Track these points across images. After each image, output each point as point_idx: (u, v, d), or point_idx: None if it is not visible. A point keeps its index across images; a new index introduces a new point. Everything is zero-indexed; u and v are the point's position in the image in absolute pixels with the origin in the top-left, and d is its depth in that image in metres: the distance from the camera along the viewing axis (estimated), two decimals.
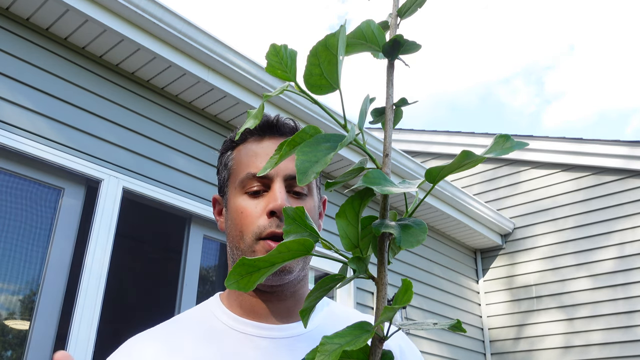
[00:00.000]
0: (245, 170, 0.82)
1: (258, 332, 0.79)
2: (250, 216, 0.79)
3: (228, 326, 0.81)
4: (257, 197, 0.80)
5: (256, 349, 0.77)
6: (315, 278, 4.03)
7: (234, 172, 0.84)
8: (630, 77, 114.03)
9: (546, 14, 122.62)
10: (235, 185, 0.83)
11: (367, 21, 0.46)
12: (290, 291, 0.83)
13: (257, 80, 3.34)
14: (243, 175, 0.82)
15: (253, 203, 0.80)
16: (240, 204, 0.81)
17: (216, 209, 0.89)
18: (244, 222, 0.79)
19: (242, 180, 0.82)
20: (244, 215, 0.80)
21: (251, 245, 0.78)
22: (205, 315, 0.84)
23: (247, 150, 0.84)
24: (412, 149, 6.41)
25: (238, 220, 0.80)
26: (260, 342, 0.78)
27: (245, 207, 0.80)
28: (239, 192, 0.82)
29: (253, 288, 0.43)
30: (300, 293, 0.84)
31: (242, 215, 0.80)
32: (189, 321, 0.83)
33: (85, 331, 2.54)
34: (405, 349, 0.85)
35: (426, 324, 0.42)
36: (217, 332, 0.80)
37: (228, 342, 0.78)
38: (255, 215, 0.79)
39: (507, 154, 0.41)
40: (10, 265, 2.52)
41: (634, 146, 5.07)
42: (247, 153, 0.84)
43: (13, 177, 2.60)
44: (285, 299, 0.82)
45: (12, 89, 2.63)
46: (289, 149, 0.43)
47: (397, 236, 0.41)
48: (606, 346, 4.89)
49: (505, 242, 5.76)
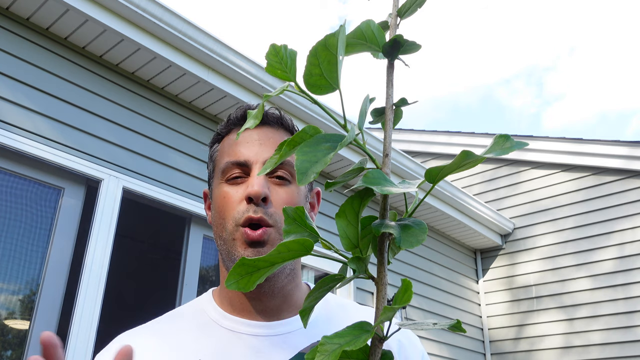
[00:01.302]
0: (225, 159, 0.82)
1: (247, 329, 0.79)
2: (230, 202, 0.79)
3: (218, 323, 0.81)
4: (239, 184, 0.80)
5: (244, 347, 0.77)
6: (315, 278, 4.03)
7: (217, 163, 0.85)
8: (630, 78, 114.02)
9: (546, 16, 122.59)
10: (218, 175, 0.83)
11: (367, 21, 0.46)
12: (278, 288, 0.81)
13: (257, 80, 3.34)
14: (223, 165, 0.82)
15: (234, 189, 0.80)
16: (222, 191, 0.81)
17: (206, 202, 0.89)
18: (225, 209, 0.79)
19: (222, 169, 0.82)
20: (225, 201, 0.80)
21: (232, 233, 0.78)
22: (197, 311, 0.84)
23: (229, 140, 0.85)
24: (412, 149, 6.41)
25: (220, 207, 0.80)
26: (248, 340, 0.78)
27: (227, 193, 0.80)
28: (221, 181, 0.82)
29: (253, 288, 0.43)
30: (289, 290, 0.83)
31: (224, 201, 0.80)
32: (181, 318, 0.84)
33: (85, 331, 2.54)
34: (405, 343, 0.84)
35: (426, 324, 0.42)
36: (207, 328, 0.80)
37: (217, 339, 0.78)
38: (236, 201, 0.78)
39: (507, 154, 0.41)
40: (10, 265, 2.52)
41: (634, 146, 5.07)
42: (228, 143, 0.84)
43: (13, 177, 2.60)
44: (274, 297, 0.81)
45: (12, 88, 2.63)
46: (289, 149, 0.43)
47: (397, 236, 0.41)
48: (606, 346, 4.89)
49: (505, 242, 5.76)
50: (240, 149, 0.82)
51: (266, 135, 0.83)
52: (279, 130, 0.86)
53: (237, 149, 0.82)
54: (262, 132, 0.83)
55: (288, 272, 0.82)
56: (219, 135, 0.88)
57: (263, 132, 0.83)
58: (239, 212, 0.77)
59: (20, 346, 2.48)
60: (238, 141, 0.83)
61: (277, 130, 0.85)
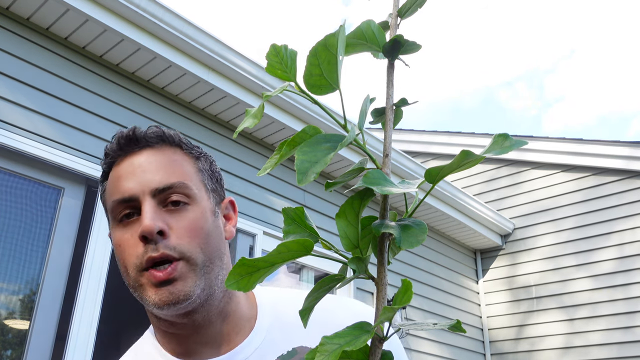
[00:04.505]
0: (111, 198, 0.73)
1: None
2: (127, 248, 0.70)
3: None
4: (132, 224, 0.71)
5: None
6: (315, 278, 4.03)
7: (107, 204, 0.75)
8: (630, 80, 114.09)
9: (547, 18, 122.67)
10: (110, 218, 0.74)
11: (367, 21, 0.46)
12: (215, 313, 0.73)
13: (257, 80, 3.34)
14: (111, 205, 0.73)
15: (128, 232, 0.71)
16: (117, 237, 0.72)
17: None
18: (124, 256, 0.71)
19: (111, 211, 0.73)
20: (122, 249, 0.71)
21: (137, 279, 0.69)
22: None
23: (111, 177, 0.75)
24: (412, 149, 6.41)
25: (120, 255, 0.72)
26: None
27: (121, 239, 0.71)
28: (114, 224, 0.73)
29: (253, 288, 0.43)
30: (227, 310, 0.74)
31: (121, 249, 0.71)
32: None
33: (85, 331, 2.54)
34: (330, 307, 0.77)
35: (426, 324, 0.42)
36: None
37: None
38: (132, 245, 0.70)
39: (507, 153, 0.41)
40: (10, 265, 2.52)
41: (635, 147, 5.07)
42: (111, 180, 0.75)
43: (13, 177, 2.60)
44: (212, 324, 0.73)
45: (12, 88, 2.63)
46: (288, 149, 0.43)
47: (397, 236, 0.40)
48: (606, 346, 4.89)
49: (506, 243, 5.76)
50: (123, 184, 0.72)
51: (149, 159, 0.73)
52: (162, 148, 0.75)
53: (120, 184, 0.72)
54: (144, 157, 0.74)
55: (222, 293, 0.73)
56: (104, 172, 0.77)
57: (145, 157, 0.74)
58: (138, 257, 0.69)
59: (20, 346, 2.48)
60: (120, 174, 0.73)
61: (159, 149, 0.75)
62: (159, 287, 0.68)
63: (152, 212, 0.69)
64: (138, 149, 0.75)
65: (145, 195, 0.70)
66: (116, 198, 0.72)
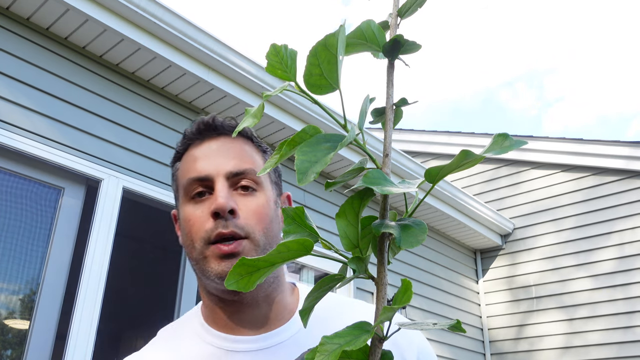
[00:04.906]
0: (186, 176, 0.80)
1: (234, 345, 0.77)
2: (197, 222, 0.76)
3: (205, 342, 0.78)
4: (203, 202, 0.77)
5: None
6: (315, 278, 4.03)
7: (179, 182, 0.82)
8: (631, 81, 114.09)
9: (547, 18, 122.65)
10: (182, 194, 0.80)
11: (367, 21, 0.46)
12: (262, 296, 0.78)
13: (257, 80, 3.34)
14: (185, 182, 0.79)
15: (199, 209, 0.77)
16: (187, 212, 0.78)
17: (176, 224, 0.85)
18: (193, 230, 0.76)
19: (185, 188, 0.79)
20: (191, 223, 0.77)
21: (202, 251, 0.75)
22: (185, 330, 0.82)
23: (188, 156, 0.82)
24: (412, 149, 6.41)
25: (188, 229, 0.78)
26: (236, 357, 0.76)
27: (192, 214, 0.77)
28: (185, 201, 0.79)
29: (253, 288, 0.43)
30: (273, 297, 0.80)
31: (190, 223, 0.77)
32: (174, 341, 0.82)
33: (85, 331, 2.54)
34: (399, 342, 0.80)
35: (426, 324, 0.42)
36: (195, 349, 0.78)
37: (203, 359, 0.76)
38: (202, 221, 0.76)
39: (506, 152, 0.41)
40: (10, 265, 2.52)
41: (635, 147, 5.07)
42: (188, 160, 0.82)
43: (13, 177, 2.60)
44: (258, 306, 0.78)
45: (12, 88, 2.63)
46: (288, 149, 0.43)
47: (397, 236, 0.41)
48: (606, 346, 4.89)
49: (505, 243, 5.76)
50: (200, 164, 0.79)
51: (225, 146, 0.81)
52: (237, 139, 0.83)
53: (197, 164, 0.79)
54: (220, 143, 0.81)
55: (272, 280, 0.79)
56: (178, 153, 0.85)
57: (221, 143, 0.81)
58: (207, 232, 0.75)
59: (20, 345, 2.48)
60: (197, 156, 0.80)
61: (235, 139, 0.83)
62: (222, 259, 0.74)
63: (225, 192, 0.76)
64: (215, 135, 0.82)
65: (219, 177, 0.77)
66: (192, 176, 0.78)
